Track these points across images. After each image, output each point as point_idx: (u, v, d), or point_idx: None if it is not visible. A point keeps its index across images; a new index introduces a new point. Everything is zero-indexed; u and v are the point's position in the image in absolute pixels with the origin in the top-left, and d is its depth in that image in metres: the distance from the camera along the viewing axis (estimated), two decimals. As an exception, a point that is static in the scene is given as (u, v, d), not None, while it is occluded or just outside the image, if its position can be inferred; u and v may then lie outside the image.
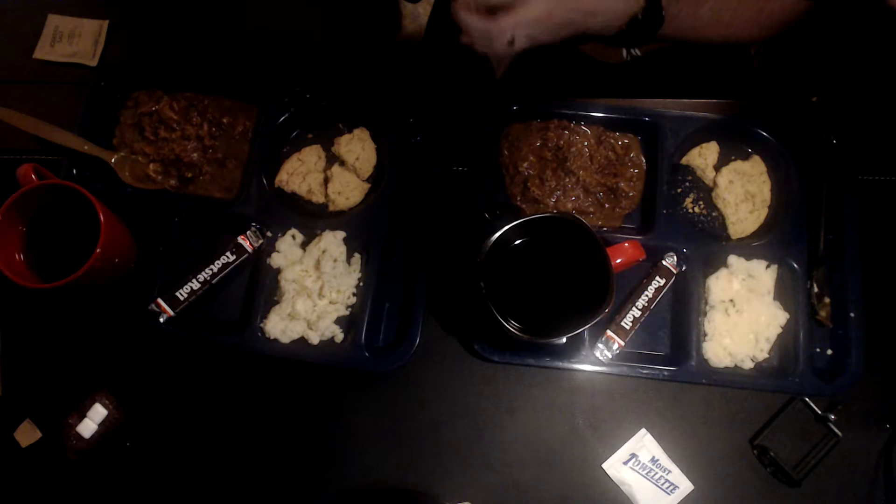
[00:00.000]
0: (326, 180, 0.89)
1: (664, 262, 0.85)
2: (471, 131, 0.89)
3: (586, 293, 0.74)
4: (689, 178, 0.91)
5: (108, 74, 0.92)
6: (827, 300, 0.83)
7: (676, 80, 1.05)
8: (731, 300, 0.83)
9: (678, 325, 0.84)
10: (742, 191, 0.88)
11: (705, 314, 0.83)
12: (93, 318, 0.84)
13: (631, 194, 0.88)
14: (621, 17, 0.77)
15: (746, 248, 0.85)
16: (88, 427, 0.79)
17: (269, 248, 0.85)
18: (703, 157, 0.90)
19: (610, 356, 0.82)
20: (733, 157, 0.91)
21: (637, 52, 0.99)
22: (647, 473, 0.79)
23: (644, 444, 0.80)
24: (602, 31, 0.79)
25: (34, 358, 0.84)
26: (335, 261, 0.83)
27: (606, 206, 0.88)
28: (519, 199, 0.88)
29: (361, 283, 0.85)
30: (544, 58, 0.82)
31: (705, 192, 0.90)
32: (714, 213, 0.89)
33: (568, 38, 0.79)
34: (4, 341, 0.85)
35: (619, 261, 0.76)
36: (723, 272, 0.84)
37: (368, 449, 0.81)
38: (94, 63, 1.01)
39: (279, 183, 0.89)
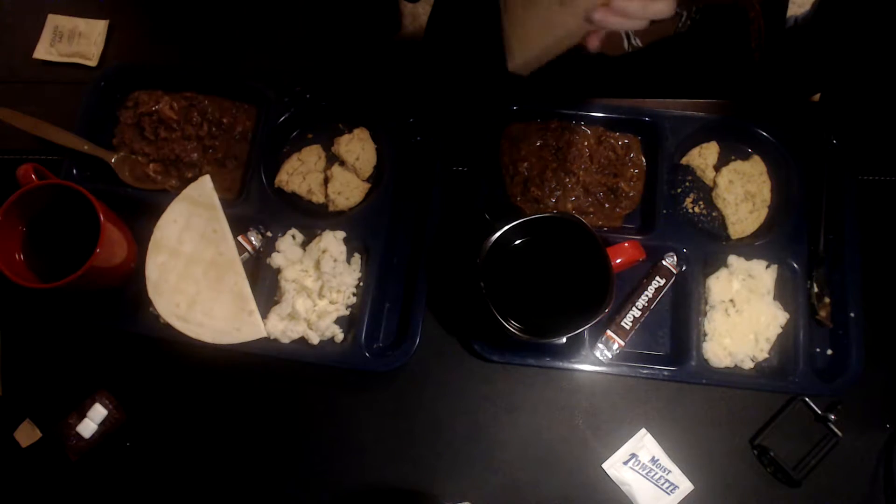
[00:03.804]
0: (326, 180, 0.89)
1: (664, 262, 0.85)
2: (471, 131, 0.89)
3: (586, 293, 0.74)
4: (689, 178, 0.91)
5: (108, 74, 0.92)
6: (827, 300, 0.83)
7: (677, 75, 1.05)
8: (731, 300, 0.83)
9: (678, 325, 0.84)
10: (742, 191, 0.88)
11: (705, 314, 0.83)
12: (93, 318, 0.84)
13: (631, 194, 0.88)
14: None
15: (746, 248, 0.85)
16: (88, 427, 0.79)
17: (269, 248, 0.85)
18: (703, 157, 0.90)
19: (610, 356, 0.82)
20: (733, 157, 0.91)
21: (638, 42, 0.98)
22: (647, 473, 0.79)
23: (644, 444, 0.81)
24: None
25: (34, 358, 0.84)
26: (335, 261, 0.83)
27: (606, 206, 0.88)
28: (519, 199, 0.88)
29: (361, 283, 0.85)
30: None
31: (705, 192, 0.90)
32: (714, 213, 0.89)
33: None
34: (4, 341, 0.85)
35: (619, 261, 0.76)
36: (723, 272, 0.84)
37: (368, 449, 0.81)
38: (94, 63, 1.01)
39: (279, 183, 0.89)
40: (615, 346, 0.82)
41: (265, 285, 0.84)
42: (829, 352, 0.83)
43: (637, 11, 0.66)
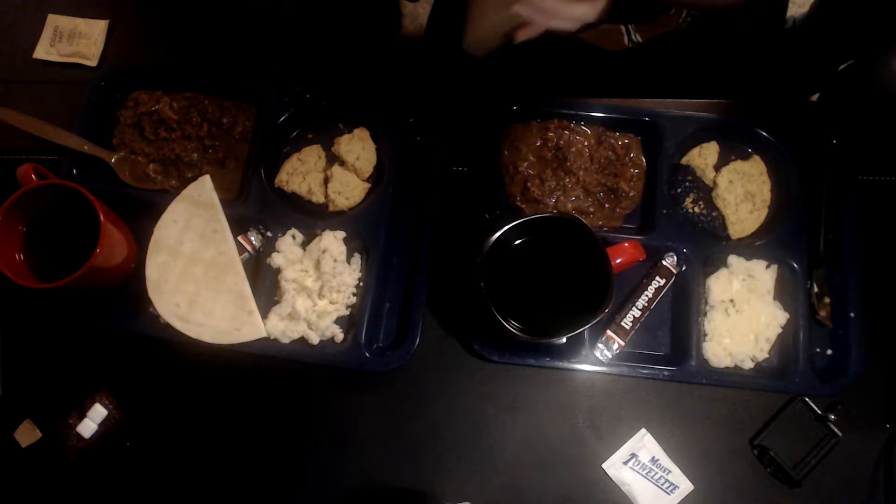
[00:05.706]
0: (326, 180, 0.89)
1: (664, 262, 0.85)
2: (471, 131, 0.89)
3: (586, 293, 0.74)
4: (689, 178, 0.91)
5: (108, 74, 0.92)
6: (827, 300, 0.83)
7: (677, 71, 1.05)
8: (731, 300, 0.83)
9: (678, 325, 0.84)
10: (742, 191, 0.88)
11: (705, 314, 0.83)
12: (93, 318, 0.84)
13: (631, 194, 0.88)
14: None
15: (746, 248, 0.85)
16: (88, 427, 0.79)
17: (269, 248, 0.85)
18: (703, 157, 0.90)
19: (610, 356, 0.82)
20: (733, 157, 0.91)
21: (638, 38, 0.98)
22: (647, 473, 0.79)
23: (644, 444, 0.81)
24: None
25: (34, 358, 0.84)
26: (335, 261, 0.83)
27: (606, 206, 0.88)
28: (519, 199, 0.88)
29: (361, 283, 0.85)
30: (546, 47, 0.81)
31: (705, 192, 0.90)
32: (714, 213, 0.89)
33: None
34: (4, 341, 0.85)
35: (619, 261, 0.76)
36: (723, 272, 0.84)
37: (368, 449, 0.81)
38: (94, 63, 1.01)
39: (279, 183, 0.89)
40: (615, 346, 0.82)
41: (265, 285, 0.84)
42: (829, 352, 0.83)
43: (553, 9, 0.66)
